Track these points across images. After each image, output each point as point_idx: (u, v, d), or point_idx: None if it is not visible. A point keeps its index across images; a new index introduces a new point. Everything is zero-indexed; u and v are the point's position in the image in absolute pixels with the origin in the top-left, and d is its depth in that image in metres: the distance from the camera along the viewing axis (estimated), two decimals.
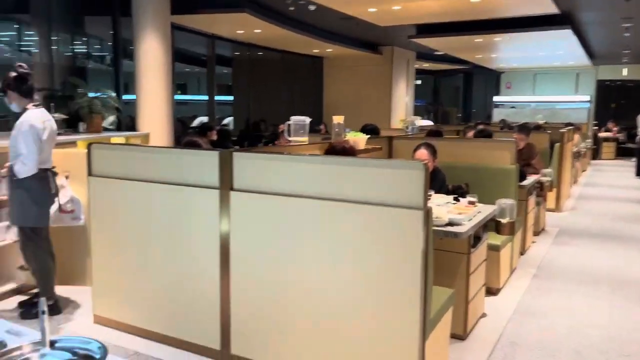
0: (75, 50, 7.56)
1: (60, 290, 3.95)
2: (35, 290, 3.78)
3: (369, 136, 3.92)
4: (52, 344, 1.03)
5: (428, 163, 2.69)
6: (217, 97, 11.50)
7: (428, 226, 2.45)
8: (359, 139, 3.75)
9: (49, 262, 3.64)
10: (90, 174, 3.45)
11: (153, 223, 3.23)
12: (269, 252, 2.83)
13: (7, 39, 7.36)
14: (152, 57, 6.24)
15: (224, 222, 2.93)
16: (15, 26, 7.16)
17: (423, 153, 4.03)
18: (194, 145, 3.64)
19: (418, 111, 15.95)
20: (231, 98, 13.05)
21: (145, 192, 3.22)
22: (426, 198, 2.42)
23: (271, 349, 2.88)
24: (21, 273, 4.02)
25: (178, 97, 12.85)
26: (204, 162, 2.99)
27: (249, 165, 2.87)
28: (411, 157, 4.10)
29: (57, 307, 3.70)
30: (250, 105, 12.15)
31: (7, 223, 3.81)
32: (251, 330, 2.94)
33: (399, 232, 2.47)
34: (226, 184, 2.91)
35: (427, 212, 2.43)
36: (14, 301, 3.84)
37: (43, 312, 1.05)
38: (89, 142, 3.59)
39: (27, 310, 3.64)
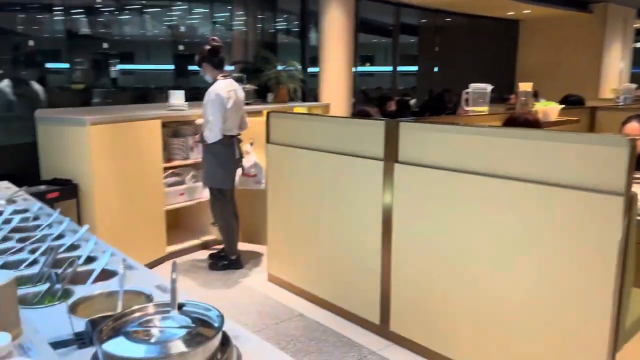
0: (268, 25, 8.09)
1: (243, 247, 4.32)
2: (222, 246, 4.19)
3: (562, 106, 3.38)
4: (180, 307, 1.03)
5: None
6: (401, 68, 11.31)
7: (631, 216, 1.99)
8: (549, 109, 3.26)
9: (233, 221, 3.99)
10: (268, 141, 3.64)
11: (321, 191, 3.27)
12: (433, 230, 2.64)
13: (222, 19, 8.22)
14: (334, 29, 6.34)
15: (387, 195, 2.82)
16: (228, 7, 7.97)
17: (634, 127, 3.33)
18: (364, 115, 3.57)
19: (637, 79, 13.54)
20: (415, 68, 12.73)
21: (314, 160, 3.28)
22: (630, 181, 1.97)
23: (431, 332, 2.72)
24: (213, 229, 4.49)
25: (364, 68, 13.01)
26: (370, 132, 2.89)
27: (415, 136, 2.69)
28: (619, 131, 3.43)
29: (239, 262, 4.05)
30: (434, 75, 11.71)
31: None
32: (411, 309, 2.81)
33: (590, 221, 2.07)
34: (391, 155, 2.78)
35: (631, 199, 1.98)
36: (205, 253, 4.32)
37: (174, 277, 1.06)
38: (268, 111, 3.77)
39: (215, 263, 4.06)
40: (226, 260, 4.02)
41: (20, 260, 1.55)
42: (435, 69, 11.99)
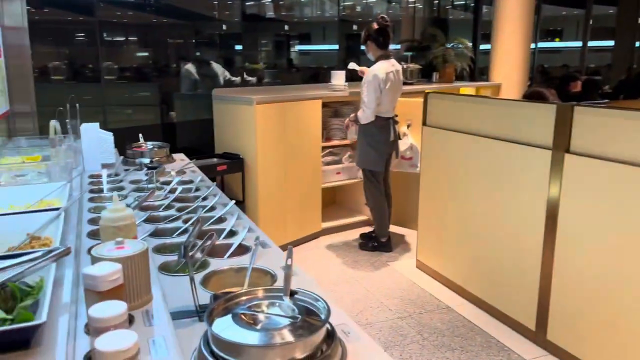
0: (445, 1, 7.74)
1: (395, 230, 4.27)
2: (374, 227, 4.19)
3: None
4: (292, 294, 1.02)
5: None
6: (593, 43, 9.95)
7: None
8: None
9: (384, 203, 3.94)
10: (424, 123, 3.49)
11: (479, 180, 3.04)
12: (608, 233, 2.27)
13: None
14: (511, 1, 5.78)
15: (553, 189, 2.49)
16: None
17: None
18: (537, 97, 3.20)
19: None
20: (611, 43, 11.09)
21: (473, 146, 3.05)
22: None
23: (596, 347, 2.36)
24: (366, 209, 4.50)
25: (547, 44, 11.78)
26: (538, 118, 2.57)
27: (593, 123, 2.31)
28: None
29: (389, 245, 4.01)
30: (635, 51, 10.07)
31: None
32: (573, 318, 2.48)
33: None
34: (561, 144, 2.44)
35: None
36: (357, 232, 4.36)
37: (289, 263, 1.05)
38: (428, 91, 3.60)
39: (365, 243, 4.08)
40: (376, 242, 4.01)
41: (175, 228, 1.70)
42: (638, 44, 10.31)
